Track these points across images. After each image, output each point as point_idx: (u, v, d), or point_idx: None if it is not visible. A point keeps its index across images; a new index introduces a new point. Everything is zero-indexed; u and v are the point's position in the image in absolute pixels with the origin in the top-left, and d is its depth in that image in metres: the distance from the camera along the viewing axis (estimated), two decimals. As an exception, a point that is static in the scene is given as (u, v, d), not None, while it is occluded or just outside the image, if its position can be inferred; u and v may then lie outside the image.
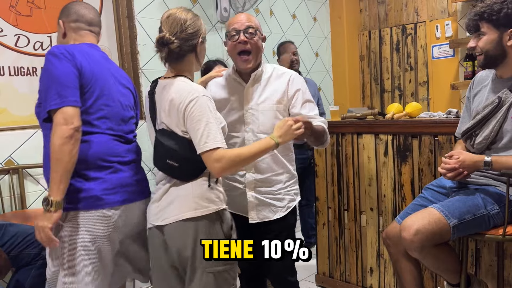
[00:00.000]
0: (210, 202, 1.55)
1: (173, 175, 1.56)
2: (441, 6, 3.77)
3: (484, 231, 1.75)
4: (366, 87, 4.30)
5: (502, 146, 1.79)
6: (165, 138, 1.54)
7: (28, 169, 2.44)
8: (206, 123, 1.47)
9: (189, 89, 1.51)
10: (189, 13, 1.57)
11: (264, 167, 1.86)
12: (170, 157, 1.52)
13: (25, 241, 1.81)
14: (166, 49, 1.52)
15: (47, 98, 1.49)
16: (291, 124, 1.59)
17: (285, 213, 1.91)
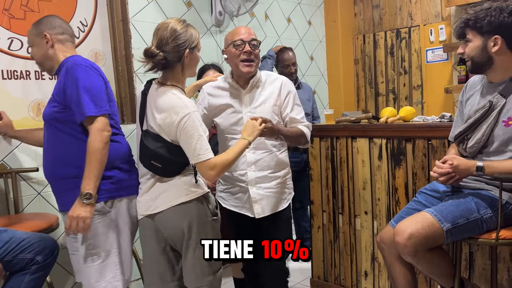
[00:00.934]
0: (198, 188, 1.76)
1: (157, 173, 1.74)
2: (435, 11, 3.79)
3: (477, 235, 1.76)
4: (360, 91, 4.32)
5: (493, 150, 1.80)
6: (150, 141, 1.71)
7: (21, 173, 2.42)
8: (198, 137, 1.65)
9: (182, 105, 1.66)
10: (181, 24, 1.71)
11: (264, 165, 2.05)
12: (155, 159, 1.70)
13: (19, 246, 1.80)
14: (151, 61, 1.68)
15: (82, 105, 1.71)
16: (253, 123, 1.82)
17: (286, 204, 2.12)
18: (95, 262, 1.78)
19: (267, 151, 2.05)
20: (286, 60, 3.29)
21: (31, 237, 1.84)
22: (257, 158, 2.04)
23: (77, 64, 1.77)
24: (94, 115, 1.72)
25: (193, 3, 3.22)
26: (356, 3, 4.30)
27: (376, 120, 2.57)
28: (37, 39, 1.88)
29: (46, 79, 2.55)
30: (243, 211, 2.08)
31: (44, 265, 1.83)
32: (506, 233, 1.72)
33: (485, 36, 1.79)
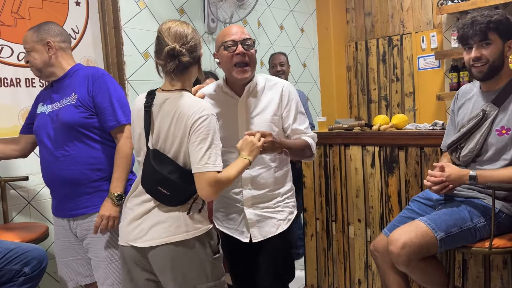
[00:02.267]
0: (200, 223, 1.53)
1: (162, 200, 1.51)
2: (426, 18, 3.82)
3: (470, 243, 1.76)
4: (353, 98, 4.33)
5: (487, 159, 1.81)
6: (158, 163, 1.48)
7: (10, 182, 2.39)
8: (211, 144, 1.44)
9: (200, 106, 1.47)
10: (188, 25, 1.54)
11: (262, 183, 1.80)
12: (163, 185, 1.48)
13: (6, 257, 1.76)
14: (176, 61, 1.47)
15: (116, 114, 1.86)
16: (251, 140, 1.58)
17: (287, 225, 1.84)
18: (117, 261, 1.86)
19: (264, 166, 1.79)
20: (274, 59, 3.42)
21: (19, 247, 1.80)
22: (253, 175, 1.78)
23: (104, 74, 1.91)
24: (125, 123, 1.87)
25: (185, 10, 3.22)
26: (348, 10, 4.32)
27: (369, 128, 2.57)
28: (38, 46, 1.90)
29: (36, 86, 2.52)
30: (235, 235, 1.83)
31: (32, 276, 1.79)
32: (499, 242, 1.72)
33: (503, 39, 1.77)
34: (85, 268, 2.00)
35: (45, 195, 2.51)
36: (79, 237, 1.95)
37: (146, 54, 2.96)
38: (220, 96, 1.85)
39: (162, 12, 3.06)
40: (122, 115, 1.88)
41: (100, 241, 1.90)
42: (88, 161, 1.88)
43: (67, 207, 1.92)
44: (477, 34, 1.75)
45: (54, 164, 1.90)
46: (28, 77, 2.47)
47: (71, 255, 1.99)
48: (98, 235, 1.89)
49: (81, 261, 1.99)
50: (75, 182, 1.88)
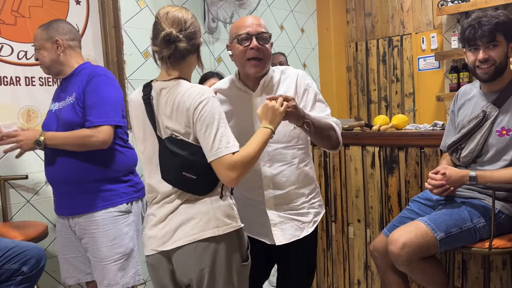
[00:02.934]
0: (231, 219, 1.41)
1: (188, 189, 1.39)
2: (426, 19, 3.82)
3: (470, 244, 1.76)
4: (353, 98, 4.33)
5: (487, 160, 1.81)
6: (176, 148, 1.36)
7: (10, 180, 2.38)
8: (218, 127, 1.33)
9: (198, 90, 1.36)
10: (188, 11, 1.44)
11: (284, 181, 1.67)
12: (188, 168, 1.35)
13: (5, 256, 1.75)
14: (172, 48, 1.37)
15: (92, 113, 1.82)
16: (272, 105, 1.45)
17: (312, 228, 1.73)
18: (119, 260, 1.90)
19: (286, 163, 1.67)
20: (273, 59, 3.41)
21: (17, 246, 1.80)
22: (274, 173, 1.66)
23: (99, 74, 1.88)
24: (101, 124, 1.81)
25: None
26: (349, 11, 4.32)
27: (369, 128, 2.57)
28: (47, 44, 1.92)
29: (36, 85, 2.52)
30: (260, 238, 1.71)
31: (30, 275, 1.79)
32: (499, 242, 1.72)
33: (508, 41, 1.76)
34: (85, 265, 2.01)
35: (45, 194, 2.51)
36: (77, 236, 1.96)
37: (146, 53, 2.95)
38: (234, 91, 1.74)
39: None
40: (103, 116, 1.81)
41: (97, 242, 1.90)
42: (87, 160, 1.88)
43: (67, 205, 1.94)
44: (485, 36, 1.73)
45: (55, 162, 1.91)
46: (28, 76, 2.47)
47: (72, 252, 2.01)
48: (94, 236, 1.89)
49: (82, 258, 2.01)
50: (74, 181, 1.89)
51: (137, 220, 2.00)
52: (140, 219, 2.03)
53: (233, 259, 1.40)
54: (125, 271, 1.93)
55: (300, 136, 1.69)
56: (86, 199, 1.90)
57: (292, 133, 1.67)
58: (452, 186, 1.76)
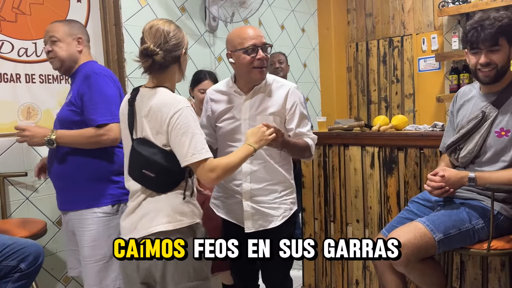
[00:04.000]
0: (183, 216, 1.53)
1: (148, 186, 1.53)
2: (427, 20, 3.82)
3: (469, 245, 1.75)
4: (353, 98, 4.33)
5: (486, 160, 1.81)
6: (143, 148, 1.51)
7: (9, 177, 2.38)
8: (193, 135, 1.46)
9: (172, 101, 1.49)
10: (172, 24, 1.56)
11: (261, 177, 1.89)
12: (147, 167, 1.50)
13: (3, 253, 1.76)
14: (150, 60, 1.50)
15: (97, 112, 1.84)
16: (264, 130, 1.65)
17: (280, 221, 1.92)
18: (99, 262, 1.89)
19: (263, 161, 1.89)
20: (273, 57, 3.38)
21: (16, 243, 1.80)
22: (253, 169, 1.88)
23: (100, 73, 1.90)
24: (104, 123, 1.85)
25: (187, 8, 3.21)
26: (349, 11, 4.32)
27: (369, 128, 2.57)
28: (69, 39, 1.95)
29: (36, 82, 2.52)
30: (236, 222, 1.95)
31: (28, 272, 1.79)
32: (497, 244, 1.72)
33: (510, 44, 1.76)
34: None
35: (44, 191, 2.51)
36: (70, 230, 1.98)
37: (147, 52, 2.95)
38: (228, 93, 1.95)
39: (163, 10, 3.06)
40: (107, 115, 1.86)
41: (81, 240, 1.91)
42: (80, 158, 1.90)
43: (60, 200, 1.99)
44: (488, 40, 1.72)
45: (54, 157, 1.95)
46: (28, 73, 2.47)
47: (72, 245, 2.03)
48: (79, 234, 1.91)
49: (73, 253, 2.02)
50: (66, 177, 1.92)
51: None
52: None
53: (188, 259, 1.49)
54: (105, 273, 1.91)
55: None
56: (74, 196, 1.91)
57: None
58: (451, 187, 1.76)
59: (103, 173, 1.92)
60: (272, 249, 1.67)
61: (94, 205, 1.90)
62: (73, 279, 2.59)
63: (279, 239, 1.83)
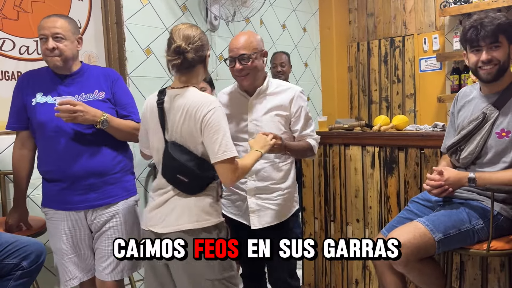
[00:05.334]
0: (210, 216, 1.64)
1: (180, 188, 1.64)
2: (429, 20, 3.81)
3: (468, 245, 1.76)
4: (354, 98, 4.33)
5: (487, 161, 1.81)
6: (177, 153, 1.61)
7: (9, 175, 2.38)
8: (224, 134, 1.57)
9: (206, 100, 1.59)
10: (198, 28, 1.68)
11: (265, 175, 1.98)
12: (181, 172, 1.60)
13: (5, 250, 1.76)
14: (181, 58, 1.60)
15: (134, 111, 2.03)
16: (265, 137, 1.78)
17: (286, 217, 2.02)
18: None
19: (269, 161, 1.98)
20: (275, 59, 3.39)
21: (18, 241, 1.80)
22: (258, 168, 1.97)
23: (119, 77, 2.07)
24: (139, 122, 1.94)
25: (188, 7, 3.21)
26: (351, 11, 4.32)
27: (369, 128, 2.57)
28: (73, 37, 1.95)
29: (37, 80, 2.52)
30: (241, 220, 2.03)
31: (30, 270, 1.79)
32: (497, 244, 1.72)
33: (510, 42, 1.77)
34: (88, 263, 2.01)
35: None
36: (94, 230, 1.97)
37: (148, 50, 2.96)
38: (234, 96, 2.06)
39: (164, 9, 3.06)
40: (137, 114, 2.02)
41: (119, 230, 1.97)
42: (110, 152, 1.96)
43: (92, 198, 1.93)
44: (488, 37, 1.73)
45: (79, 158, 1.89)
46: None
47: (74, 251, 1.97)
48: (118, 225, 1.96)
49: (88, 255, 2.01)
50: (102, 173, 1.94)
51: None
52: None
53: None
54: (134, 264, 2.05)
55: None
56: (110, 190, 1.96)
57: None
58: (450, 187, 1.76)
59: (130, 164, 2.05)
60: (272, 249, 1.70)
61: (128, 195, 2.01)
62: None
63: (284, 236, 1.92)
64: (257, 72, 1.95)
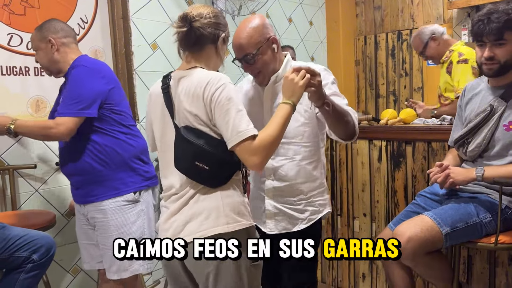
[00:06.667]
0: (242, 216, 1.39)
1: (201, 179, 1.37)
2: (436, 13, 3.78)
3: (476, 239, 1.75)
4: (361, 92, 4.31)
5: (494, 154, 1.79)
6: (192, 136, 1.35)
7: (19, 169, 2.41)
8: (237, 111, 1.32)
9: (214, 77, 1.35)
10: (215, 9, 1.50)
11: (283, 174, 1.72)
12: (200, 158, 1.34)
13: (16, 244, 1.78)
14: (187, 27, 1.40)
15: (63, 105, 1.86)
16: (291, 78, 1.42)
17: (306, 225, 1.74)
18: None
19: (287, 158, 1.71)
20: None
21: (28, 234, 1.83)
22: (276, 166, 1.72)
23: (76, 66, 1.89)
24: (63, 116, 1.82)
25: (194, 1, 3.21)
26: (358, 4, 4.29)
27: (376, 122, 2.56)
28: (42, 44, 1.94)
29: (45, 75, 2.52)
30: (258, 223, 1.76)
31: (40, 263, 1.82)
32: (505, 238, 1.71)
33: None
34: (97, 253, 2.04)
35: (53, 183, 2.54)
36: (90, 223, 2.01)
37: (154, 45, 2.96)
38: (251, 86, 1.83)
39: (170, 3, 3.06)
40: (65, 108, 1.83)
41: (106, 230, 1.93)
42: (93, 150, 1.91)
43: (78, 193, 2.00)
44: (492, 33, 1.69)
45: (65, 153, 1.97)
46: (36, 66, 2.49)
47: (86, 239, 2.06)
48: (103, 224, 1.93)
49: (94, 246, 2.04)
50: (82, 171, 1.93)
51: (148, 209, 2.01)
52: (152, 207, 2.04)
53: (242, 258, 1.36)
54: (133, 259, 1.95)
55: (305, 134, 1.71)
56: (94, 189, 1.93)
57: (296, 130, 1.69)
58: (454, 176, 1.74)
59: (118, 162, 1.92)
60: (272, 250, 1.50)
61: (116, 195, 1.92)
62: (82, 271, 2.62)
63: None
64: (268, 66, 1.70)
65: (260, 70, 1.69)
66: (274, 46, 1.70)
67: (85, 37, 2.68)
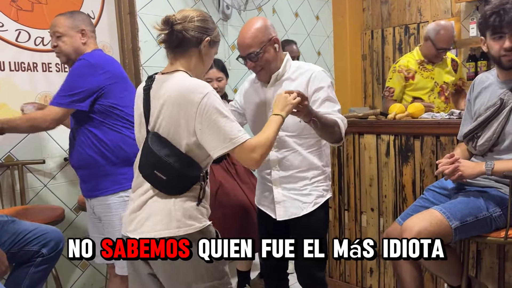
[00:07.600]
0: (194, 220, 1.42)
1: (158, 187, 1.43)
2: (444, 6, 3.75)
3: (486, 233, 1.74)
4: (368, 87, 4.29)
5: (504, 148, 1.78)
6: (157, 146, 1.40)
7: (27, 165, 2.43)
8: (225, 119, 1.37)
9: (196, 86, 1.38)
10: (204, 14, 1.52)
11: (288, 164, 1.87)
12: (159, 168, 1.39)
13: (25, 238, 1.80)
14: (169, 29, 1.42)
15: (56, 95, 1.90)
16: (285, 96, 1.57)
17: (312, 208, 1.88)
18: None
19: (290, 149, 1.85)
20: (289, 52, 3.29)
21: (37, 229, 1.84)
22: (280, 157, 1.86)
23: (79, 59, 1.92)
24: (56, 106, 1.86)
25: (200, -4, 3.21)
26: (365, -2, 4.26)
27: (384, 116, 2.55)
28: (72, 32, 1.97)
29: (53, 71, 2.55)
30: (267, 211, 1.95)
31: (49, 257, 1.84)
32: (515, 232, 1.70)
33: None
34: None
35: (61, 178, 2.56)
36: (96, 217, 2.03)
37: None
38: (254, 85, 1.96)
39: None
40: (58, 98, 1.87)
41: (111, 224, 1.95)
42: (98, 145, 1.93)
43: (84, 188, 2.03)
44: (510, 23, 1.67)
45: (73, 148, 2.00)
46: (44, 62, 2.50)
47: (96, 232, 2.08)
48: (108, 219, 1.95)
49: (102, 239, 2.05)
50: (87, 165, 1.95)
51: None
52: None
53: (198, 260, 1.40)
54: None
55: (305, 128, 1.81)
56: (99, 183, 1.95)
57: (297, 125, 1.82)
58: (462, 169, 1.73)
59: (123, 157, 1.94)
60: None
61: (119, 189, 1.94)
62: (91, 265, 2.64)
63: (311, 225, 1.88)
64: (270, 64, 1.81)
65: (263, 67, 1.82)
66: (276, 45, 1.83)
67: (92, 33, 2.69)
